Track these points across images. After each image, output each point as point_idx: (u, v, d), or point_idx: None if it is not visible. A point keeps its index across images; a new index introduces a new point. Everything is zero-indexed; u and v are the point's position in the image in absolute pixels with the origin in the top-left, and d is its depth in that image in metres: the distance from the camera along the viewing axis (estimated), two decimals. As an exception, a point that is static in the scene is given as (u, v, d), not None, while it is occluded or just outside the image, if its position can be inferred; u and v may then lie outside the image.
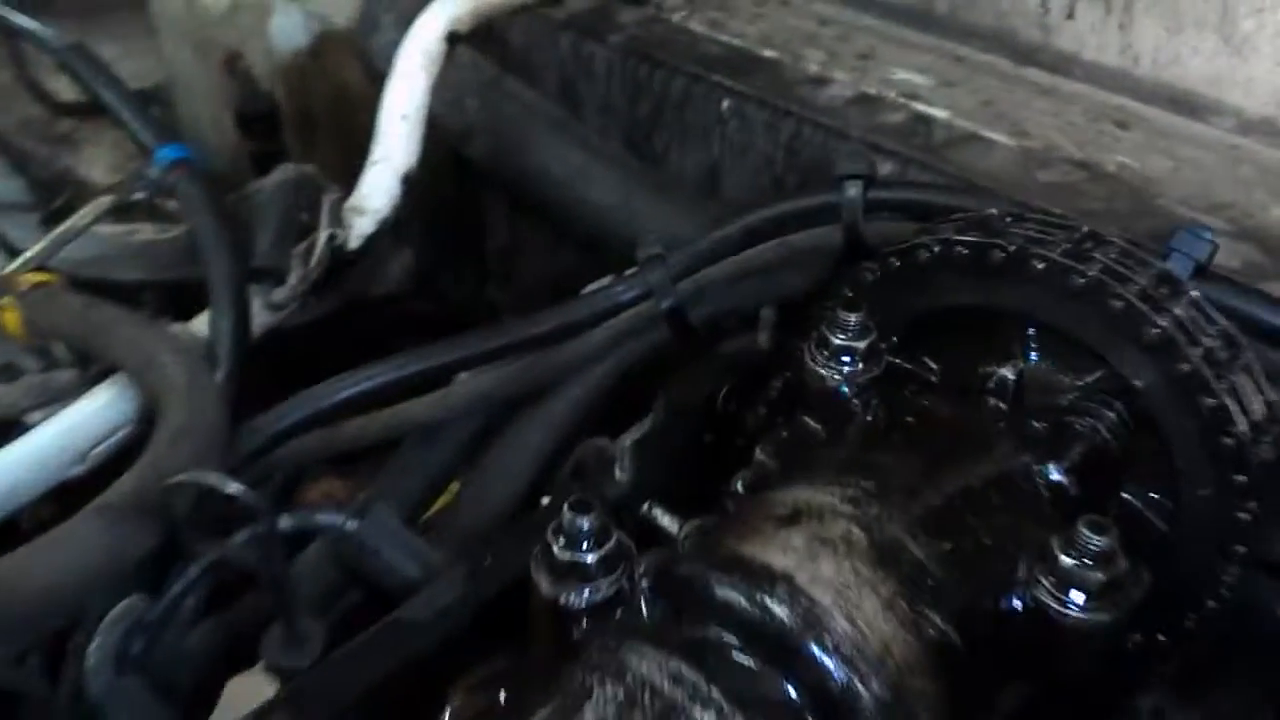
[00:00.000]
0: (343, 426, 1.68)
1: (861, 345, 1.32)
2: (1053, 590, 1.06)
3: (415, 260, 2.51)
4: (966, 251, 1.28)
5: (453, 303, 2.65)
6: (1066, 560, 1.05)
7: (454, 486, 1.86)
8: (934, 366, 1.41)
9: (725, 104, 2.22)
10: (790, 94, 2.16)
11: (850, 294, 1.39)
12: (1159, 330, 1.18)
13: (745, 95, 2.19)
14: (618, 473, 1.49)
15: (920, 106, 2.16)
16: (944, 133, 2.07)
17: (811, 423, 1.35)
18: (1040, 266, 1.23)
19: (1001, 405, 1.28)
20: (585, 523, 1.04)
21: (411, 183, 2.05)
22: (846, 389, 1.31)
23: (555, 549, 1.05)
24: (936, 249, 1.30)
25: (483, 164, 2.22)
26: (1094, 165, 2.05)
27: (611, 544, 1.05)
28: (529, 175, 2.12)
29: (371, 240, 1.93)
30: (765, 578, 0.99)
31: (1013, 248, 1.25)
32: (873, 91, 2.18)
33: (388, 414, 1.73)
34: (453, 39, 2.05)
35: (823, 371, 1.33)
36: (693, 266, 1.73)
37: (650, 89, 2.31)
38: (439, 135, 2.25)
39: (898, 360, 1.38)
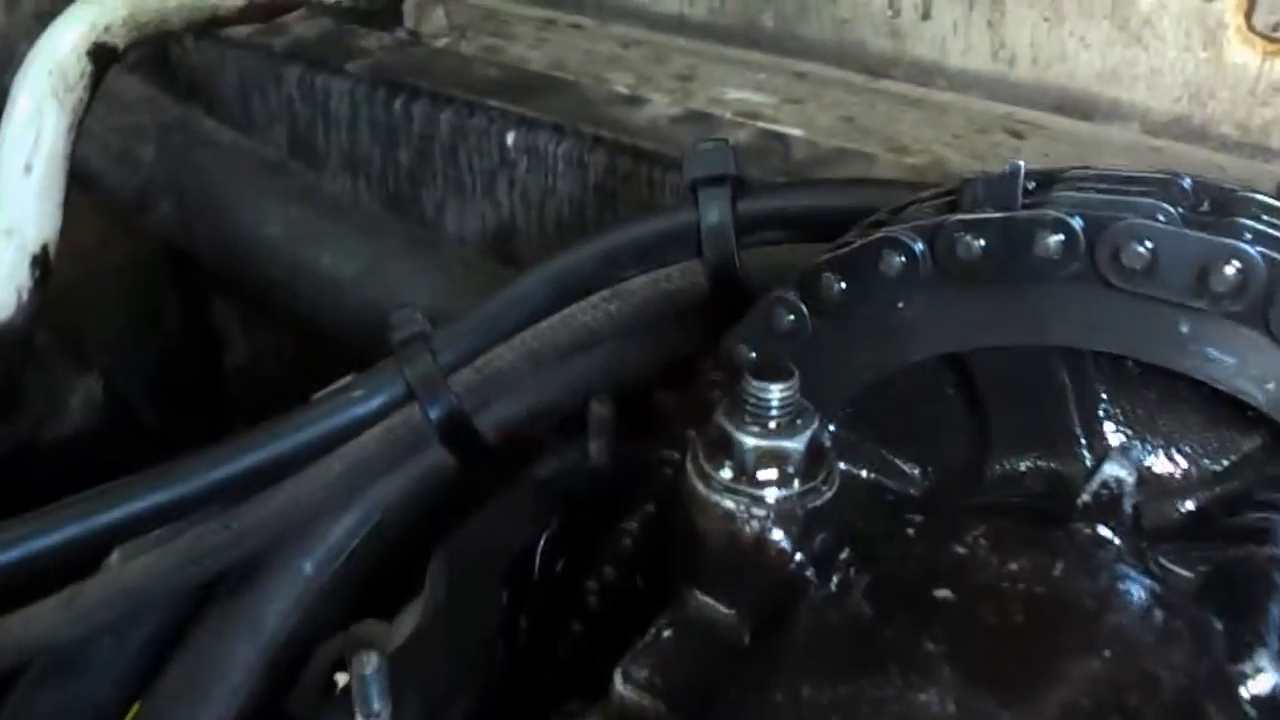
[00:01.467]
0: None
1: (795, 446, 0.57)
2: None
3: (105, 389, 1.64)
4: (983, 243, 0.56)
5: (172, 446, 1.75)
6: None
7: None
8: (913, 472, 0.67)
9: (511, 137, 1.48)
10: (598, 116, 1.44)
11: (759, 354, 0.64)
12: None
13: (538, 123, 1.46)
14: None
15: (767, 125, 1.46)
16: (806, 151, 1.39)
17: (713, 608, 0.58)
18: (1148, 250, 0.52)
19: (1109, 536, 0.54)
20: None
21: (47, 266, 1.21)
22: (779, 536, 0.55)
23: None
24: (918, 246, 0.58)
25: (170, 236, 1.38)
26: (1002, 178, 1.37)
27: None
28: (234, 244, 1.33)
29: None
30: None
31: (1080, 222, 0.53)
32: (703, 110, 1.48)
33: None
34: (103, 58, 1.23)
35: (726, 504, 0.57)
36: (474, 346, 0.97)
37: (409, 127, 1.55)
38: (111, 201, 1.41)
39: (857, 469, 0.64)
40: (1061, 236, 0.62)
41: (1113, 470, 0.59)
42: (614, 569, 0.88)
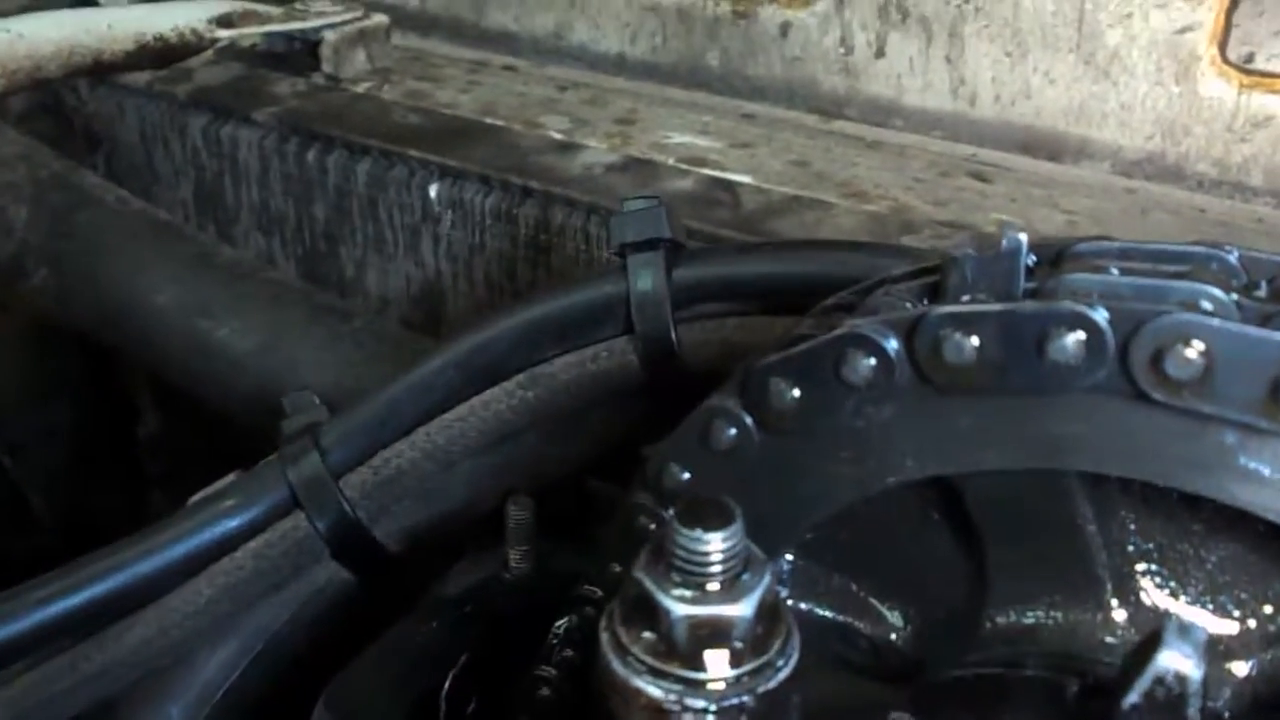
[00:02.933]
0: None
1: (741, 613, 0.39)
2: None
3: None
4: (977, 343, 0.38)
5: (73, 536, 1.55)
6: None
7: None
8: (893, 617, 0.50)
9: (434, 189, 1.31)
10: (529, 165, 1.27)
11: (692, 484, 0.47)
12: None
13: (463, 173, 1.28)
14: None
15: (713, 173, 1.30)
16: (756, 199, 1.23)
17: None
18: (1201, 355, 0.35)
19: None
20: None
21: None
22: None
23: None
24: (892, 345, 0.41)
25: (45, 308, 1.19)
26: (969, 226, 1.23)
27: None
28: (119, 317, 1.13)
29: None
30: None
31: (1107, 317, 0.36)
32: (643, 157, 1.31)
33: None
34: None
35: (650, 691, 0.38)
36: (370, 442, 0.78)
37: (324, 180, 1.37)
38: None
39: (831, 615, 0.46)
40: (1083, 336, 0.45)
41: (1171, 661, 0.41)
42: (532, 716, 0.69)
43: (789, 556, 0.60)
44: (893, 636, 0.58)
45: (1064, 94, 1.47)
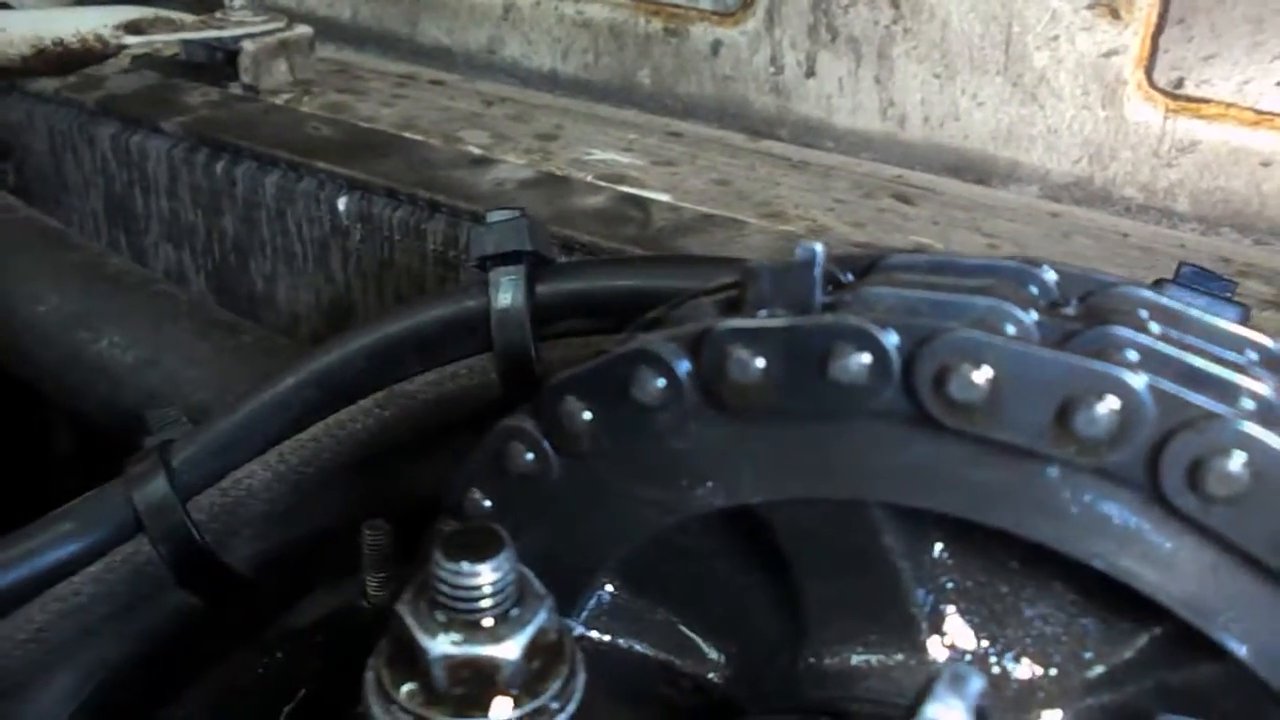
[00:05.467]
0: None
1: (505, 654, 0.34)
2: None
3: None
4: (762, 362, 0.34)
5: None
6: None
7: None
8: (714, 655, 0.45)
9: (343, 202, 1.27)
10: (440, 180, 1.23)
11: (467, 513, 0.42)
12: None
13: (370, 186, 1.24)
14: None
15: (630, 189, 1.27)
16: (668, 217, 1.19)
17: None
18: (986, 377, 0.31)
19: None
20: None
21: None
22: None
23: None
24: (680, 364, 0.36)
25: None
26: (883, 248, 1.18)
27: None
28: (1, 326, 1.07)
29: None
30: None
31: (891, 335, 0.32)
32: (559, 173, 1.28)
33: None
34: None
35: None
36: (221, 463, 0.74)
37: (233, 191, 1.33)
38: None
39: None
40: (865, 356, 0.41)
41: (939, 714, 0.36)
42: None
43: (610, 588, 0.55)
44: (713, 675, 0.53)
45: (992, 116, 1.44)
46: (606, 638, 0.54)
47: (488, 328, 0.78)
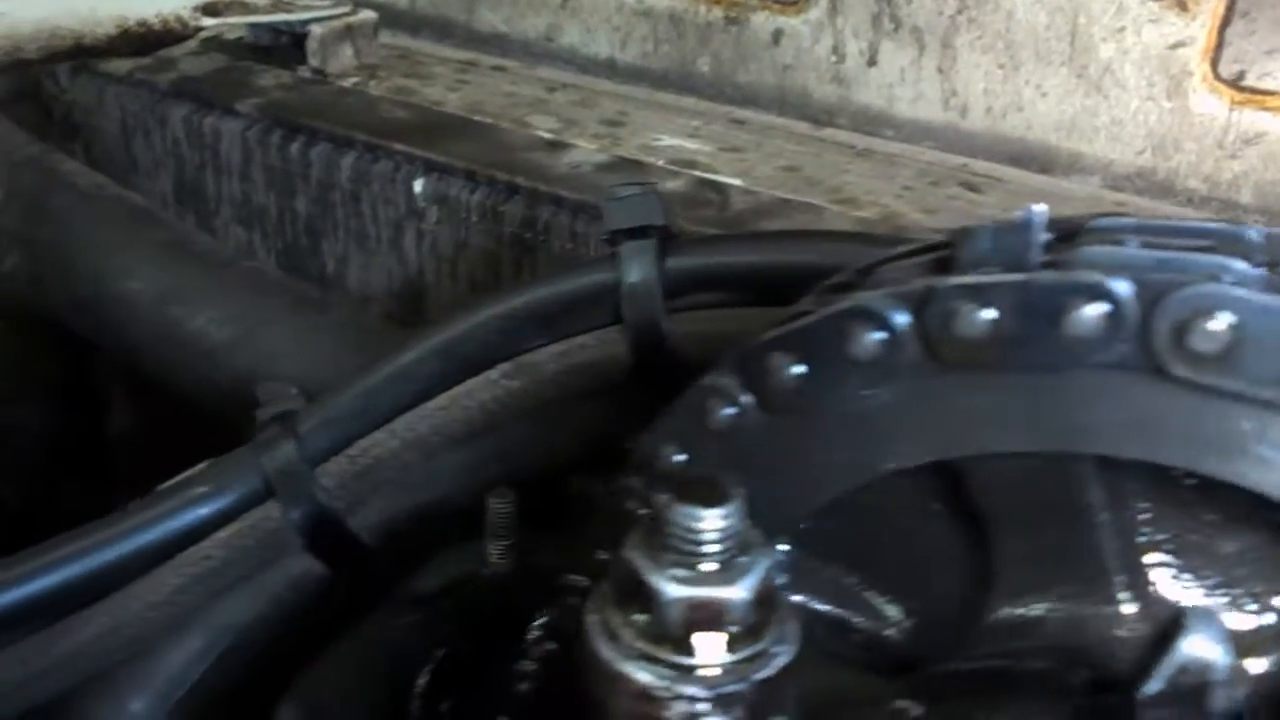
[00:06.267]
0: None
1: (739, 595, 0.36)
2: None
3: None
4: (993, 315, 0.36)
5: (37, 529, 1.51)
6: None
7: None
8: (891, 611, 0.47)
9: (419, 184, 1.28)
10: (516, 162, 1.24)
11: (688, 463, 0.44)
12: None
13: (448, 168, 1.26)
14: None
15: (702, 174, 1.28)
16: (746, 201, 1.21)
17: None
18: (1228, 328, 0.32)
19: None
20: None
21: None
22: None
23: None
24: (900, 318, 0.38)
25: (18, 293, 1.15)
26: (960, 234, 1.19)
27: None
28: (92, 303, 1.10)
29: None
30: None
31: (1128, 288, 0.34)
32: (632, 157, 1.29)
33: None
34: None
35: (640, 677, 0.35)
36: (348, 431, 0.75)
37: (307, 173, 1.34)
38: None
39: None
40: (1104, 307, 0.43)
41: (1196, 648, 0.39)
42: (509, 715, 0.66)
43: (783, 545, 0.57)
44: (890, 630, 0.55)
45: (1056, 107, 1.46)
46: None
47: (616, 301, 0.79)
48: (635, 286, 0.78)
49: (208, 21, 1.33)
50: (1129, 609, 0.49)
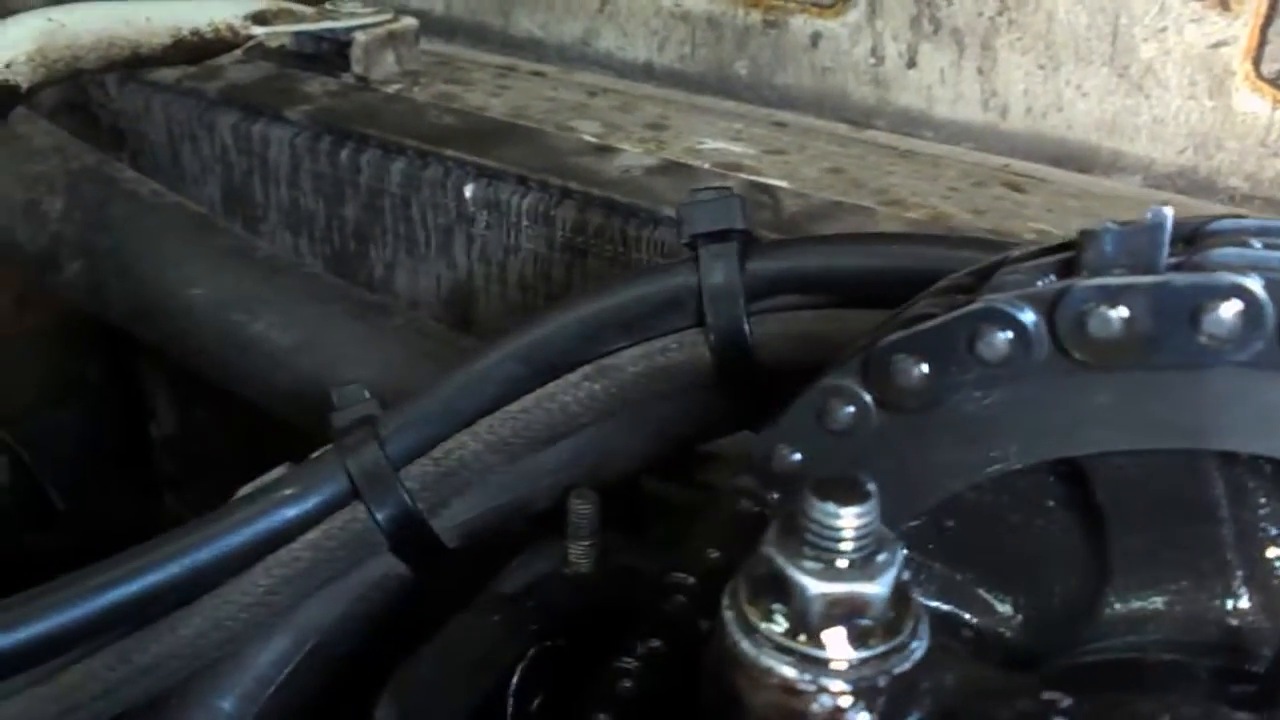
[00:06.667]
0: None
1: (877, 591, 0.37)
2: None
3: (13, 466, 1.41)
4: (1127, 315, 0.37)
5: (87, 531, 1.53)
6: None
7: None
8: (1004, 607, 0.48)
9: (469, 189, 1.30)
10: (566, 167, 1.25)
11: (810, 462, 0.45)
12: None
13: (499, 173, 1.27)
14: None
15: (750, 177, 1.30)
16: (798, 203, 1.22)
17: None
18: None
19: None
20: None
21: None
22: (861, 717, 0.34)
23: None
24: (1031, 319, 0.40)
25: (80, 299, 1.17)
26: (1009, 234, 1.23)
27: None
28: (154, 309, 1.12)
29: None
30: None
31: (1265, 288, 0.35)
32: (680, 161, 1.31)
33: None
34: (4, 98, 1.02)
35: (783, 670, 0.37)
36: (430, 434, 0.77)
37: (356, 180, 1.36)
38: (15, 260, 1.20)
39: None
40: (1240, 306, 0.44)
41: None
42: (610, 718, 0.67)
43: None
44: (1000, 626, 0.56)
45: (1097, 107, 1.47)
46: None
47: (699, 303, 0.80)
48: (717, 289, 0.80)
49: (257, 30, 1.34)
50: (1246, 602, 0.50)
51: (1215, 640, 0.49)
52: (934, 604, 0.58)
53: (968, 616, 0.57)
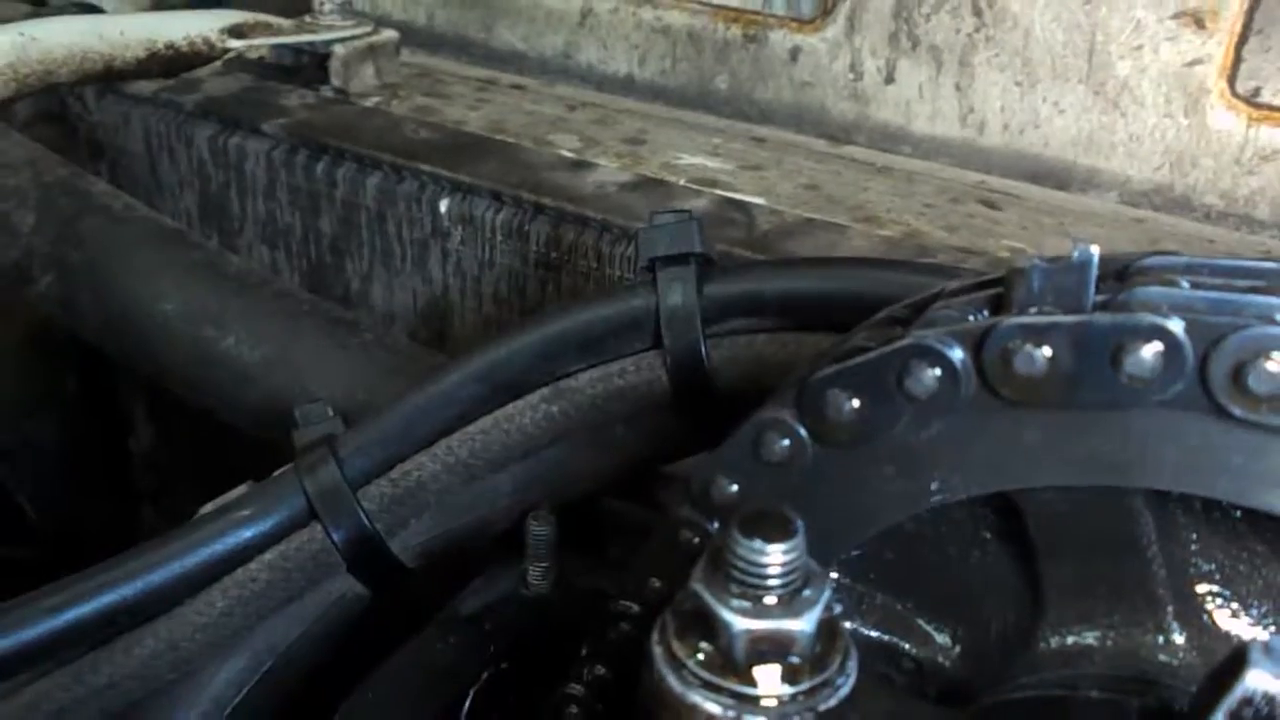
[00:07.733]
0: None
1: (802, 627, 0.37)
2: None
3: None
4: (1049, 355, 0.38)
5: (62, 545, 1.53)
6: None
7: None
8: (941, 638, 0.48)
9: (444, 204, 1.30)
10: (541, 182, 1.26)
11: (745, 496, 0.45)
12: None
13: (474, 189, 1.27)
14: None
15: (725, 193, 1.30)
16: (771, 220, 1.23)
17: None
18: None
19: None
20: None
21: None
22: None
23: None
24: (958, 356, 0.41)
25: (51, 313, 1.17)
26: (982, 252, 1.23)
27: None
28: (124, 323, 1.12)
29: None
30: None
31: (1185, 330, 0.35)
32: (655, 176, 1.31)
33: None
34: None
35: (708, 707, 0.37)
36: (389, 454, 0.77)
37: (332, 193, 1.36)
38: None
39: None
40: (1160, 348, 0.44)
41: (1259, 681, 0.40)
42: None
43: (833, 574, 0.58)
44: (940, 657, 0.56)
45: (1073, 124, 1.47)
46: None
47: (656, 326, 0.81)
48: (675, 312, 0.80)
49: (234, 43, 1.34)
50: (1178, 637, 0.50)
51: (1148, 676, 0.49)
52: (875, 634, 0.59)
53: (908, 647, 0.57)
